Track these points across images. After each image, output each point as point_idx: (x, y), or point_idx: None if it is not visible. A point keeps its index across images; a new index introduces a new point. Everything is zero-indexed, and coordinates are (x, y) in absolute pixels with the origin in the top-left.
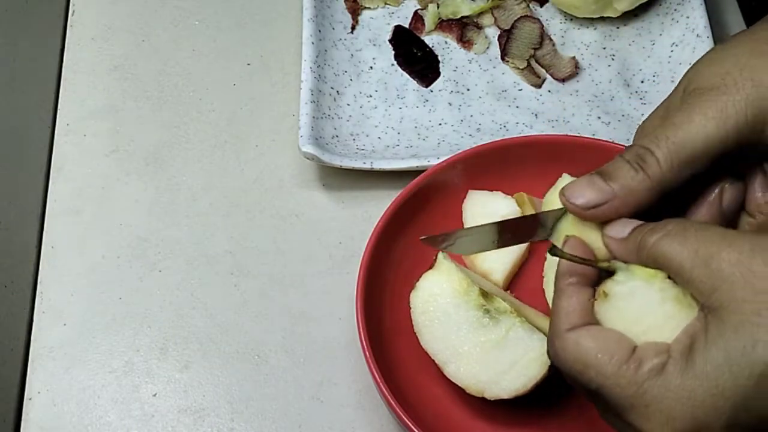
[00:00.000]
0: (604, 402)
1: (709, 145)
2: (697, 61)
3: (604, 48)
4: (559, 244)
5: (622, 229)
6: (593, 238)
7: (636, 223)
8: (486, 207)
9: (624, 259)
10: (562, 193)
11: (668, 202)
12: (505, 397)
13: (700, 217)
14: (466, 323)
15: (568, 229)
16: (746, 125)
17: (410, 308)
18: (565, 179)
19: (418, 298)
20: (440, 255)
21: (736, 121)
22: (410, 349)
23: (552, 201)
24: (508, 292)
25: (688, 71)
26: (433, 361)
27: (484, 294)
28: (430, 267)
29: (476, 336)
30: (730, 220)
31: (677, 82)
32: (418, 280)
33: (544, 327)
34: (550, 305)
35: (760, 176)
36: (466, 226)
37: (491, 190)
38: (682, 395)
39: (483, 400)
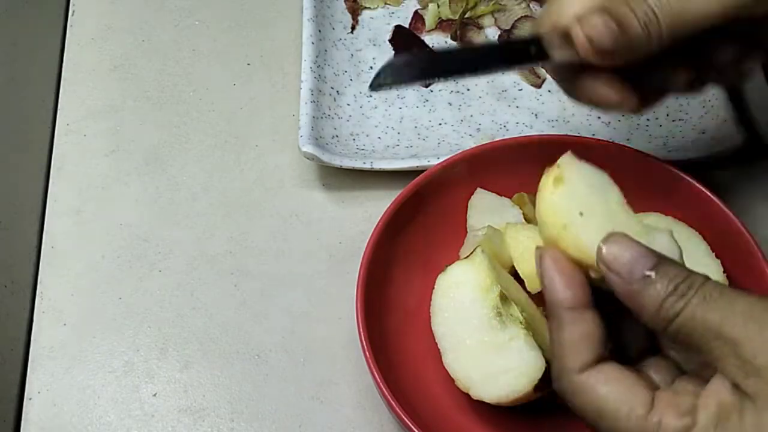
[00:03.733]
0: None
1: (704, 22)
2: None
3: None
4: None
5: (630, 265)
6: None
7: (646, 258)
8: (493, 211)
9: (634, 308)
10: (579, 22)
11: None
12: (487, 400)
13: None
14: (476, 318)
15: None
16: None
17: (434, 288)
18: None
19: (444, 281)
20: (478, 248)
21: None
22: (410, 349)
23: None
24: (540, 308)
25: None
26: (435, 357)
27: (503, 297)
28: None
29: (481, 334)
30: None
31: None
32: (449, 264)
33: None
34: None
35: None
36: (469, 224)
37: (494, 192)
38: None
39: (484, 403)
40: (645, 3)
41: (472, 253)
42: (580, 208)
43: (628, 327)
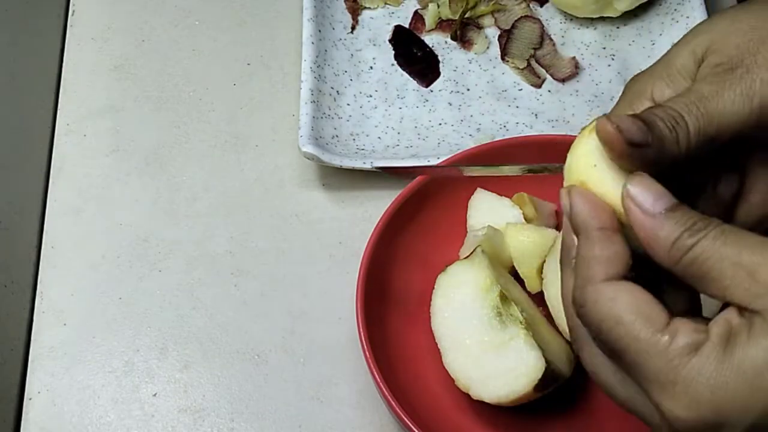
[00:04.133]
0: (626, 364)
1: (733, 122)
2: (713, 22)
3: (604, 48)
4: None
5: (653, 200)
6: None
7: (667, 196)
8: (493, 211)
9: (648, 243)
10: (607, 117)
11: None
12: (486, 400)
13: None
14: (476, 318)
15: (579, 168)
16: None
17: (434, 288)
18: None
19: (443, 281)
20: (478, 248)
21: (761, 99)
22: (410, 349)
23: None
24: (540, 308)
25: (699, 31)
26: (435, 357)
27: (503, 297)
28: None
29: (481, 334)
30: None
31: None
32: (449, 265)
33: (550, 345)
34: (549, 306)
35: (762, 181)
36: (469, 224)
37: (494, 192)
38: (714, 384)
39: (484, 403)
40: (668, 106)
41: (472, 253)
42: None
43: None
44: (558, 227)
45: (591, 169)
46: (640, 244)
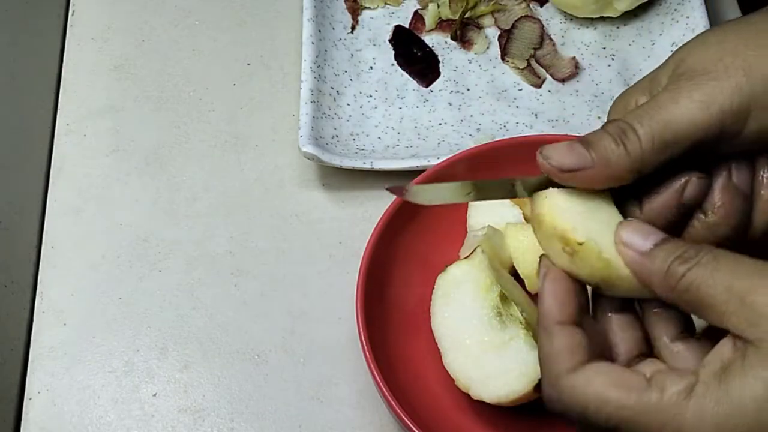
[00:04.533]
0: None
1: (691, 130)
2: (691, 41)
3: (604, 48)
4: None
5: (642, 239)
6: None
7: (656, 233)
8: (493, 211)
9: (644, 279)
10: (540, 152)
11: (638, 185)
12: (487, 400)
13: (657, 205)
14: (476, 318)
15: (543, 206)
16: (730, 113)
17: (434, 287)
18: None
19: (443, 281)
20: (479, 248)
21: (720, 108)
22: (410, 349)
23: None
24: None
25: (679, 50)
26: (435, 357)
27: (503, 297)
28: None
29: (481, 333)
30: (685, 214)
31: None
32: (449, 265)
33: None
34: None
35: (724, 176)
36: (469, 224)
37: None
38: (718, 421)
39: (484, 403)
40: (621, 119)
41: (472, 253)
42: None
43: (622, 331)
44: None
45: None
46: (630, 286)
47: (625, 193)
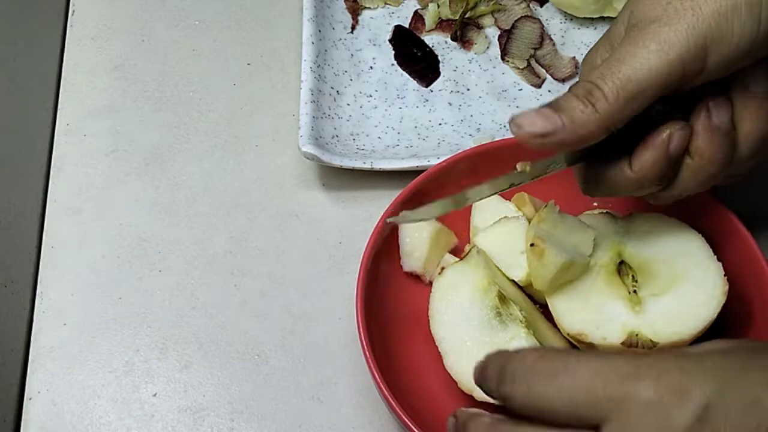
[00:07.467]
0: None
1: (654, 78)
2: None
3: None
4: None
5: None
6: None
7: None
8: (493, 211)
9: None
10: (510, 121)
11: (617, 142)
12: (490, 401)
13: (647, 161)
14: (476, 319)
15: None
16: (689, 53)
17: (432, 291)
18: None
19: (441, 284)
20: (473, 249)
21: (678, 51)
22: (411, 349)
23: None
24: (537, 306)
25: (628, 2)
26: (434, 357)
27: (502, 297)
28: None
29: (481, 335)
30: (676, 161)
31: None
32: (446, 267)
33: (550, 342)
34: (549, 304)
35: (703, 118)
36: (473, 225)
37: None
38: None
39: (485, 404)
40: (585, 80)
41: (467, 253)
42: None
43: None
44: None
45: None
46: None
47: (614, 153)
